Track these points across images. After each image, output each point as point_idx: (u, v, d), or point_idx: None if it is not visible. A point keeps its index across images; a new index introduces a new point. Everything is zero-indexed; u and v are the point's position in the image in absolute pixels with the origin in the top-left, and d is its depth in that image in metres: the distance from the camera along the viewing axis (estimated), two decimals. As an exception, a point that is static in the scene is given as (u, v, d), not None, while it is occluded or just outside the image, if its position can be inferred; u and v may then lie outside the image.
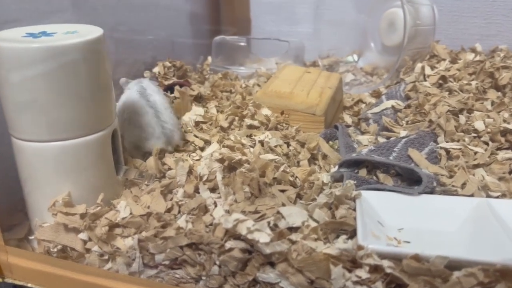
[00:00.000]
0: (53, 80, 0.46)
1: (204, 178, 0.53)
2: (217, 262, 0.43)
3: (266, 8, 1.21)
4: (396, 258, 0.40)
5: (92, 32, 0.49)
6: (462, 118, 0.64)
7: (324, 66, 1.02)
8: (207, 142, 0.66)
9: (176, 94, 0.76)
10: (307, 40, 1.06)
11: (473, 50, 0.94)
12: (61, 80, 0.46)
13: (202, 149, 0.65)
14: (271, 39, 1.08)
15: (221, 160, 0.54)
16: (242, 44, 1.02)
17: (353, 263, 0.41)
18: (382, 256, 0.40)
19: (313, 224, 0.45)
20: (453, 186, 0.51)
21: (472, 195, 0.50)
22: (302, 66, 1.03)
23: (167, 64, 0.90)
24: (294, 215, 0.45)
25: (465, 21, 1.07)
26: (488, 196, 0.51)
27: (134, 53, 0.92)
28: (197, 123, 0.71)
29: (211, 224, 0.46)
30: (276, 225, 0.44)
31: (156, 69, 0.89)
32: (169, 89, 0.85)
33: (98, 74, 0.49)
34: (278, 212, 0.46)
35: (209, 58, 1.08)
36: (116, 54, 0.87)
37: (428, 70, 0.80)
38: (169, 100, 0.67)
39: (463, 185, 0.52)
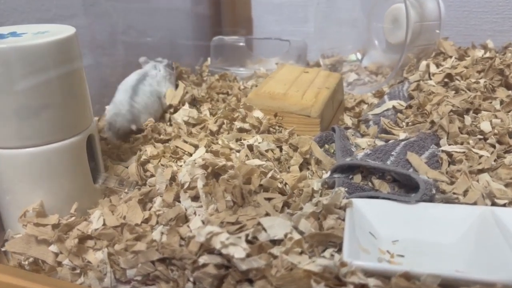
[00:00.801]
0: (20, 82, 0.43)
1: (186, 186, 0.49)
2: (191, 279, 0.40)
3: (268, 7, 1.18)
4: (385, 276, 0.36)
5: (63, 32, 0.46)
6: (468, 119, 0.60)
7: (326, 65, 0.98)
8: (197, 147, 0.63)
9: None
10: (311, 39, 1.02)
11: (484, 47, 0.88)
12: (28, 82, 0.44)
13: (191, 155, 0.61)
14: (272, 39, 1.04)
15: (204, 166, 0.51)
16: (241, 44, 0.99)
17: (339, 281, 0.37)
18: (369, 273, 0.36)
19: (297, 236, 0.41)
20: (454, 193, 0.47)
21: (475, 203, 0.46)
22: (305, 66, 0.99)
23: (161, 65, 0.87)
24: (276, 226, 0.42)
25: (476, 16, 1.02)
26: (493, 204, 0.46)
27: (134, 55, 0.90)
28: (188, 124, 0.68)
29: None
30: (256, 238, 0.41)
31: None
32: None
33: (69, 76, 0.47)
34: (259, 223, 0.42)
35: (209, 60, 1.05)
36: (116, 56, 0.86)
37: (433, 68, 0.76)
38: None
39: (465, 192, 0.47)
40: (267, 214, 0.45)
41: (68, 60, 0.46)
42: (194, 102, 0.79)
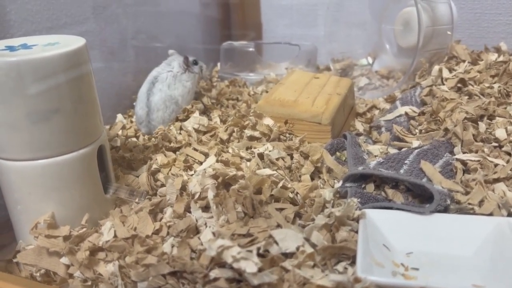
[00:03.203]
0: (32, 95, 0.43)
1: (196, 196, 0.49)
2: (202, 292, 0.39)
3: (277, 11, 1.17)
4: (400, 291, 0.35)
5: (73, 43, 0.46)
6: (482, 126, 0.59)
7: (337, 70, 0.97)
8: (208, 156, 0.62)
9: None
10: (321, 43, 1.01)
11: (498, 50, 0.87)
12: (39, 94, 0.43)
13: (202, 163, 0.61)
14: (281, 43, 1.04)
15: (215, 176, 0.50)
16: (251, 49, 0.98)
17: (352, 295, 0.36)
18: (384, 288, 0.35)
19: (309, 249, 0.41)
20: (469, 203, 0.46)
21: (491, 214, 0.45)
22: (315, 71, 0.99)
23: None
24: (288, 239, 0.41)
25: (489, 18, 1.00)
26: (510, 215, 0.45)
27: (143, 61, 0.90)
28: (198, 132, 0.67)
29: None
30: (267, 251, 0.40)
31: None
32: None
33: (80, 87, 0.47)
34: (271, 236, 0.41)
35: (219, 65, 1.05)
36: (126, 62, 0.86)
37: (446, 73, 0.74)
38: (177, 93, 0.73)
39: (481, 202, 0.46)
40: (278, 226, 0.45)
41: (78, 71, 0.46)
42: (204, 109, 0.78)
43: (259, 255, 0.39)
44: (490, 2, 0.98)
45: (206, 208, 0.49)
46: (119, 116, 0.75)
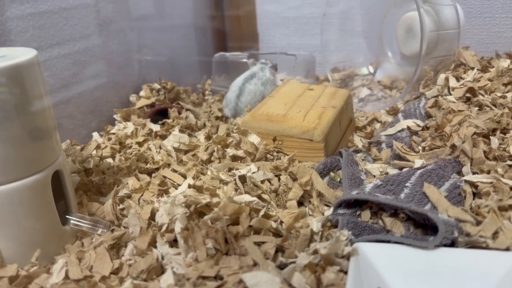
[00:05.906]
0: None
1: (163, 228, 0.43)
2: None
3: (274, 21, 1.12)
4: None
5: (21, 56, 0.41)
6: (495, 141, 0.51)
7: (336, 80, 0.90)
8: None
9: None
10: (320, 53, 0.95)
11: (510, 56, 0.80)
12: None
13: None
14: (277, 54, 0.98)
15: (186, 205, 0.44)
16: (244, 60, 0.92)
17: None
18: None
19: (287, 296, 0.34)
20: (481, 236, 0.39)
21: (507, 249, 0.38)
22: (314, 82, 0.93)
23: (156, 86, 0.81)
24: (263, 284, 0.34)
25: (499, 22, 0.93)
26: (531, 249, 0.38)
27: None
28: (178, 151, 0.61)
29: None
30: (237, 299, 0.34)
31: (142, 93, 0.80)
32: (158, 114, 0.76)
33: (29, 104, 0.41)
34: (241, 281, 0.35)
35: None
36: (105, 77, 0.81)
37: (453, 82, 0.67)
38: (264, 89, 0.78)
39: (495, 234, 0.39)
40: (255, 264, 0.38)
41: (27, 86, 0.40)
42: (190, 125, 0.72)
43: (225, 305, 0.33)
44: (500, 4, 0.91)
45: (175, 242, 0.42)
46: (95, 135, 0.69)
